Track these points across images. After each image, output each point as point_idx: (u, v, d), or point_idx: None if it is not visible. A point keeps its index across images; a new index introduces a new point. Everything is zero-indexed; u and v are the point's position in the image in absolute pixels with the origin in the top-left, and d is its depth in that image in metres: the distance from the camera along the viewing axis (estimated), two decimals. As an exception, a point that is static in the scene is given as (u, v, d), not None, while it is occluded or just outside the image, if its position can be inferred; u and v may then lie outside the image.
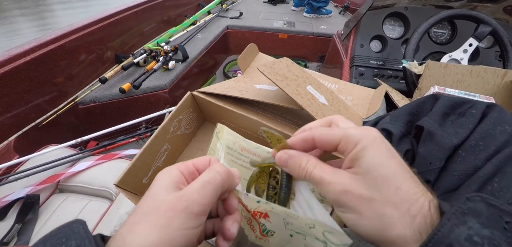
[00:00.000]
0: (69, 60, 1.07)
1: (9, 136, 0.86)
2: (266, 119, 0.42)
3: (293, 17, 2.29)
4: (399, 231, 0.17)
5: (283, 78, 0.40)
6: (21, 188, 0.68)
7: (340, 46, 1.13)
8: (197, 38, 1.73)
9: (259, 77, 0.53)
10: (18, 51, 0.89)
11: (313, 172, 0.21)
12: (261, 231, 0.27)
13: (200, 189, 0.20)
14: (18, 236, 0.62)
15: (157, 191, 0.20)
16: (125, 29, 1.39)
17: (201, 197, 0.20)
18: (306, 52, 2.07)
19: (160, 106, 1.25)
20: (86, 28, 1.14)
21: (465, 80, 0.69)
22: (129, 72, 1.28)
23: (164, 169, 0.22)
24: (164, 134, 0.43)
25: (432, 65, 0.70)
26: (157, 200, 0.19)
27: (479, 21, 0.73)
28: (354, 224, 0.19)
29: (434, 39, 0.91)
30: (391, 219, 0.18)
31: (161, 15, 1.72)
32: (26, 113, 0.92)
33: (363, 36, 0.95)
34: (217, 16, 2.11)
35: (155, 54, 1.38)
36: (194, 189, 0.20)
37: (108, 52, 1.29)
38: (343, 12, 2.43)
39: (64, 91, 1.06)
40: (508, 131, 0.30)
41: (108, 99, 1.15)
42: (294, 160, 0.23)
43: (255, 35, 2.01)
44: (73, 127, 1.09)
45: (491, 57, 0.87)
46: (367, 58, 0.92)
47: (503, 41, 0.71)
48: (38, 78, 0.96)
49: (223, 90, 0.45)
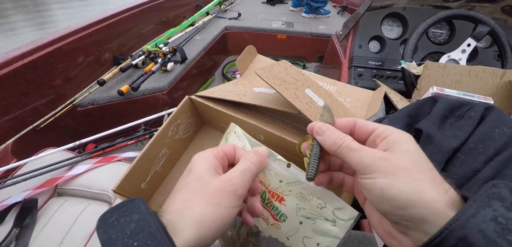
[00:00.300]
0: (67, 63, 1.07)
1: (7, 139, 0.86)
2: (264, 123, 0.42)
3: (292, 17, 2.29)
4: (434, 196, 0.18)
5: (281, 82, 0.40)
6: (19, 192, 0.68)
7: (339, 47, 1.13)
8: (196, 39, 1.73)
9: (257, 80, 0.53)
10: (16, 54, 0.89)
11: (350, 143, 0.23)
12: (274, 216, 0.30)
13: (241, 175, 0.24)
14: (16, 240, 0.62)
15: (200, 174, 0.23)
16: (123, 31, 1.38)
17: (242, 181, 0.23)
18: (304, 53, 2.06)
19: (158, 108, 1.24)
20: (83, 30, 1.14)
21: (464, 80, 0.69)
22: (128, 74, 1.28)
23: (200, 153, 0.25)
24: (162, 139, 0.42)
25: (431, 65, 0.70)
26: (203, 182, 0.23)
27: (477, 21, 0.73)
28: (387, 186, 0.19)
29: (433, 39, 0.91)
30: (426, 186, 0.19)
31: (159, 16, 1.71)
32: (24, 116, 0.92)
33: (361, 36, 0.95)
34: (215, 17, 2.11)
35: (153, 56, 1.37)
36: (236, 175, 0.23)
37: (106, 54, 1.28)
38: (341, 13, 2.43)
39: (62, 94, 1.06)
40: (507, 134, 0.30)
41: (107, 101, 1.15)
42: (332, 131, 0.24)
43: (254, 35, 2.00)
44: (71, 130, 1.09)
45: (489, 57, 0.88)
46: (365, 59, 0.92)
47: (501, 41, 0.71)
48: (36, 81, 0.95)
49: (221, 94, 0.45)
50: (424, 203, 0.18)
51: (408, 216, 0.19)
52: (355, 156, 0.22)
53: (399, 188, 0.19)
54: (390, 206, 0.20)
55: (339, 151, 0.23)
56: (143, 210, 0.20)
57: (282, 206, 0.29)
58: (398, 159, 0.20)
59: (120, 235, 0.18)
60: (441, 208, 0.18)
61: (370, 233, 0.56)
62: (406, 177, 0.19)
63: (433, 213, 0.18)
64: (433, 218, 0.18)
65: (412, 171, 0.20)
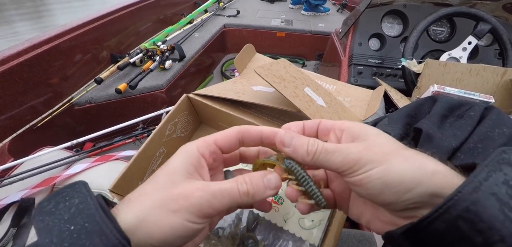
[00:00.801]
0: (64, 61, 1.06)
1: (4, 138, 0.85)
2: (263, 121, 0.42)
3: (291, 15, 2.28)
4: (435, 167, 0.18)
5: (280, 80, 0.40)
6: (16, 192, 0.67)
7: (338, 45, 1.12)
8: (194, 37, 1.72)
9: (256, 78, 0.52)
10: (11, 52, 0.88)
11: (324, 145, 0.20)
12: (273, 200, 0.32)
13: (218, 194, 0.19)
14: (13, 240, 0.61)
15: (172, 171, 0.20)
16: (120, 29, 1.37)
17: (216, 201, 0.19)
18: (304, 51, 2.05)
19: (157, 106, 1.24)
20: (81, 28, 1.12)
21: (465, 78, 0.69)
22: (125, 72, 1.27)
23: (185, 145, 0.22)
24: (159, 138, 0.42)
25: (431, 63, 0.69)
26: (172, 181, 0.19)
27: (478, 18, 0.72)
28: (386, 173, 0.18)
29: (433, 37, 0.91)
30: (422, 161, 0.18)
31: (157, 14, 1.70)
32: (21, 115, 0.91)
33: (361, 34, 0.95)
34: (214, 15, 2.09)
35: (151, 54, 1.36)
36: (212, 191, 0.19)
37: (104, 52, 1.27)
38: (341, 10, 2.42)
39: (59, 92, 1.05)
40: (506, 133, 0.30)
41: (104, 99, 1.14)
42: (299, 138, 0.21)
43: (253, 33, 1.99)
44: (68, 128, 1.08)
45: (490, 56, 0.87)
46: (365, 57, 0.91)
47: (502, 39, 0.71)
48: (33, 79, 0.94)
49: (219, 92, 0.45)
50: (428, 177, 0.17)
51: (416, 197, 0.18)
52: (337, 157, 0.20)
53: (399, 171, 0.18)
54: (395, 193, 0.18)
55: (315, 158, 0.20)
56: (84, 193, 0.18)
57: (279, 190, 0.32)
58: (378, 144, 0.19)
59: (57, 221, 0.17)
60: (446, 178, 0.17)
61: (369, 232, 0.56)
62: (398, 158, 0.18)
63: (440, 184, 0.17)
64: (441, 189, 0.17)
65: (400, 150, 0.19)
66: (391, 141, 0.20)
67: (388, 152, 0.19)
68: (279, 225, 0.32)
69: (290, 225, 0.32)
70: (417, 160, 0.18)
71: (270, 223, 0.33)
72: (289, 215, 0.32)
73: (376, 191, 0.19)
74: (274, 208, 0.32)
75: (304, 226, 0.32)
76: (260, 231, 0.33)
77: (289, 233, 0.32)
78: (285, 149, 0.21)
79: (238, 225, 0.34)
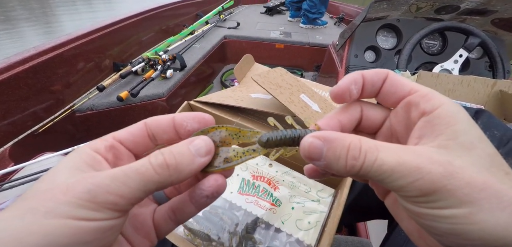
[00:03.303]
0: (68, 68, 1.08)
1: (5, 143, 0.86)
2: (261, 126, 0.43)
3: (290, 27, 2.34)
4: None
5: (276, 87, 0.42)
6: (16, 197, 0.67)
7: (336, 56, 1.15)
8: (195, 48, 1.75)
9: (254, 86, 0.54)
10: (17, 59, 0.90)
11: (378, 156, 0.13)
12: (271, 202, 0.35)
13: (120, 176, 0.14)
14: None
15: (55, 174, 0.14)
16: (123, 38, 1.40)
17: (118, 184, 0.14)
18: (302, 62, 2.10)
19: (157, 114, 1.25)
20: (85, 37, 1.15)
21: (456, 89, 0.71)
22: (127, 80, 1.29)
23: (76, 148, 0.17)
24: (160, 142, 0.43)
25: (424, 75, 0.72)
26: (49, 182, 0.14)
27: (468, 33, 0.75)
28: (469, 221, 0.12)
29: (426, 50, 0.94)
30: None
31: (159, 24, 1.74)
32: (23, 121, 0.92)
33: (357, 46, 0.98)
34: (215, 26, 2.14)
35: (153, 63, 1.39)
36: (109, 174, 0.14)
37: (106, 60, 1.30)
38: (338, 23, 2.48)
39: (62, 99, 1.07)
40: (497, 136, 0.32)
41: (106, 107, 1.16)
42: (337, 143, 0.14)
43: (252, 45, 2.04)
44: (69, 135, 1.09)
45: (481, 68, 0.90)
46: (361, 68, 0.94)
47: (491, 52, 0.74)
48: (36, 86, 0.96)
49: (219, 99, 0.46)
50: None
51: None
52: (399, 181, 0.12)
53: (496, 223, 0.12)
54: (471, 244, 0.12)
55: (361, 175, 0.13)
56: None
57: (276, 192, 0.36)
58: (470, 165, 0.12)
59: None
60: None
61: (366, 239, 0.57)
62: (493, 201, 0.12)
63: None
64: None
65: (496, 184, 0.12)
66: (491, 152, 0.13)
67: (481, 183, 0.12)
68: (277, 226, 0.33)
69: (287, 226, 0.33)
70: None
71: (269, 225, 0.34)
72: (286, 217, 0.34)
73: (447, 238, 0.13)
74: (272, 210, 0.34)
75: (301, 227, 0.33)
76: (258, 233, 0.34)
77: (286, 234, 0.33)
78: (316, 163, 0.15)
79: (237, 226, 0.35)
